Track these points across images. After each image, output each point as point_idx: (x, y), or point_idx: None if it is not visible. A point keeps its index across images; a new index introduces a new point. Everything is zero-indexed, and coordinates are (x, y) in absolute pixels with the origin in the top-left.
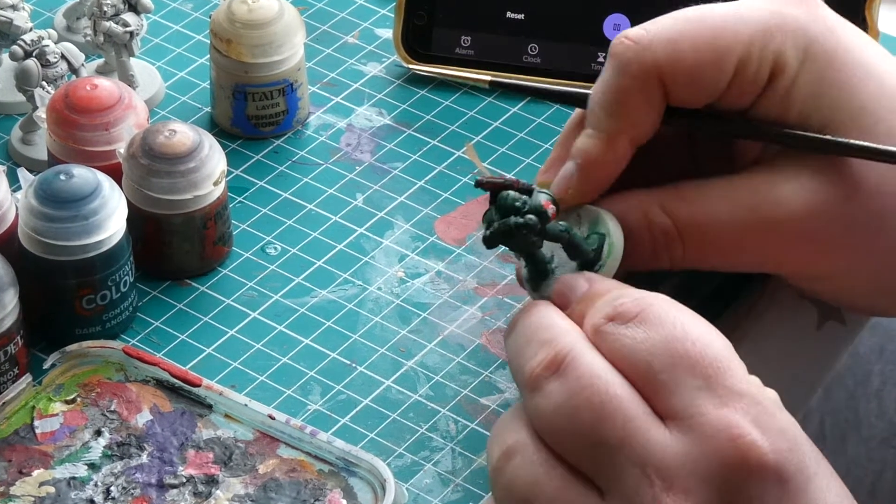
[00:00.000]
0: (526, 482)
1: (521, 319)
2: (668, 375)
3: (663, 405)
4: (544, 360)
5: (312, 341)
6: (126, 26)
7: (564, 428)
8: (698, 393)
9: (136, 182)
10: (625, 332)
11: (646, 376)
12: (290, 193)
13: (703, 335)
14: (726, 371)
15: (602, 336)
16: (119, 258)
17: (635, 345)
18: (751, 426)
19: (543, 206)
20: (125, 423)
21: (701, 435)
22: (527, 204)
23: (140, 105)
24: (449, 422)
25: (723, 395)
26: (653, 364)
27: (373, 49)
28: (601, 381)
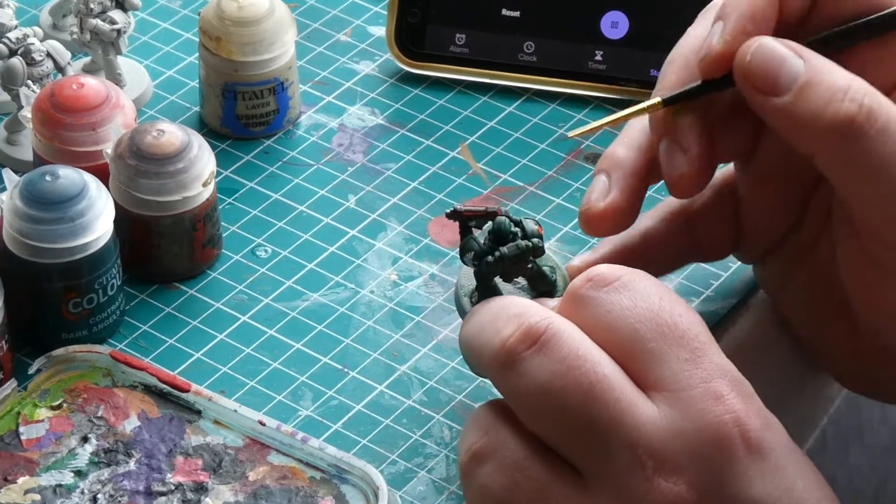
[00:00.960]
0: (503, 487)
1: (482, 306)
2: (657, 345)
3: (651, 376)
4: (517, 333)
5: (304, 346)
6: (113, 24)
7: (548, 410)
8: (685, 365)
9: (124, 183)
10: (608, 297)
11: (633, 345)
12: (280, 195)
13: (687, 310)
14: (709, 347)
15: (582, 302)
16: (106, 261)
17: (622, 311)
18: (737, 400)
19: (538, 231)
20: (112, 430)
21: (690, 408)
22: (525, 230)
23: (127, 104)
24: (443, 428)
25: (709, 369)
26: (641, 332)
27: (365, 47)
28: (589, 362)
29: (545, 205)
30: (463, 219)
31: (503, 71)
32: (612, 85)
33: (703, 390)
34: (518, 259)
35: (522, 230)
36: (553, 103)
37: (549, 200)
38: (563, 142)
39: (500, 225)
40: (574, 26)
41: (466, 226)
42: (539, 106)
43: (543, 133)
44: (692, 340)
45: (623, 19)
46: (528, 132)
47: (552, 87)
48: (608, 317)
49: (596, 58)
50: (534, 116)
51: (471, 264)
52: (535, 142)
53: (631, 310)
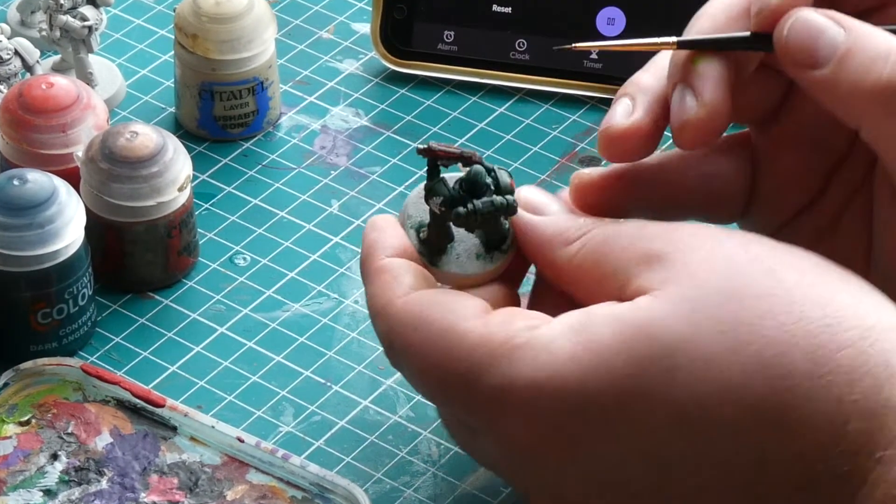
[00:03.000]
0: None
1: (427, 335)
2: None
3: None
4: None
5: (284, 358)
6: (84, 20)
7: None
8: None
9: (96, 188)
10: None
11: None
12: (260, 200)
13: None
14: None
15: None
16: (77, 269)
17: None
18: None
19: (511, 185)
20: (83, 447)
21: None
22: (498, 182)
23: (99, 105)
24: (431, 445)
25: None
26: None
27: (349, 45)
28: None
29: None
30: (435, 157)
31: (494, 70)
32: (609, 84)
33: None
34: (490, 216)
35: (496, 182)
36: (546, 104)
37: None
38: (556, 144)
39: (476, 175)
40: (568, 23)
41: (436, 166)
42: (532, 107)
43: (536, 135)
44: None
45: (620, 15)
46: (520, 134)
47: (545, 87)
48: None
49: (591, 56)
50: (526, 118)
51: (436, 208)
52: (528, 144)
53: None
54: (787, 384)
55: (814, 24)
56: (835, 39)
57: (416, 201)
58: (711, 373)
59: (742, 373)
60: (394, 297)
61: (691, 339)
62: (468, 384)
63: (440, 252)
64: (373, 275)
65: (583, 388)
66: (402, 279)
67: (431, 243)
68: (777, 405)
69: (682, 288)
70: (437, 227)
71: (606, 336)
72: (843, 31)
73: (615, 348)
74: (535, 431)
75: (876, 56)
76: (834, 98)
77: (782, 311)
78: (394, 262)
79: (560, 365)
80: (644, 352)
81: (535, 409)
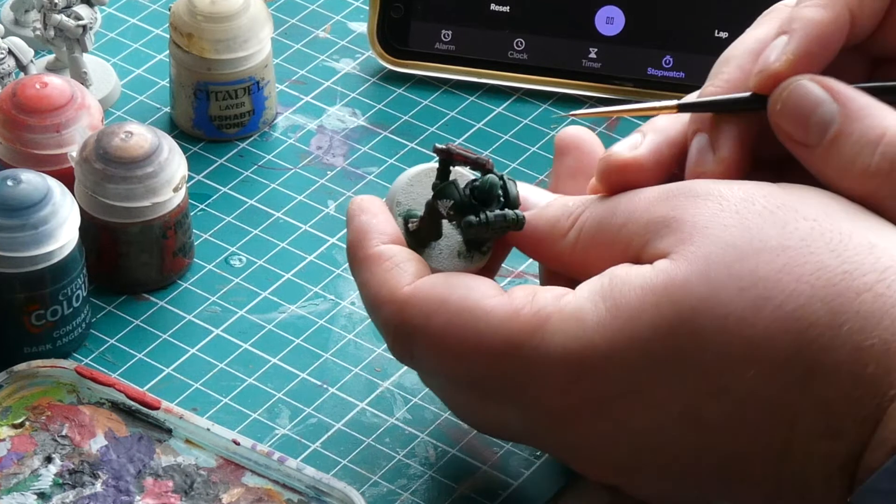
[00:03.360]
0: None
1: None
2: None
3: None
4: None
5: (280, 360)
6: (79, 19)
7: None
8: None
9: (90, 188)
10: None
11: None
12: (256, 200)
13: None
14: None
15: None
16: (71, 271)
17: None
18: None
19: (518, 196)
20: (77, 450)
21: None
22: (508, 195)
23: (94, 105)
24: (428, 447)
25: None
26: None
27: (346, 44)
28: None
29: None
30: (450, 160)
31: (492, 69)
32: (608, 84)
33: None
34: (500, 230)
35: (506, 195)
36: (545, 104)
37: None
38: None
39: (491, 185)
40: (567, 22)
41: (448, 167)
42: (530, 106)
43: (535, 135)
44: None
45: (619, 15)
46: (518, 134)
47: (544, 87)
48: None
49: (590, 55)
50: (524, 118)
51: (444, 210)
52: (526, 144)
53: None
54: (811, 336)
55: (808, 98)
56: (828, 116)
57: (407, 188)
58: (735, 332)
59: (766, 329)
60: (400, 284)
61: (712, 299)
62: (502, 360)
63: (423, 245)
64: (369, 261)
65: (612, 355)
66: (404, 266)
67: (419, 236)
68: (803, 360)
69: (695, 246)
70: (430, 223)
71: (632, 301)
72: (836, 108)
73: (640, 314)
74: (570, 399)
75: (866, 143)
76: (824, 176)
77: (799, 264)
78: (392, 248)
79: (591, 332)
80: (668, 315)
81: (569, 376)
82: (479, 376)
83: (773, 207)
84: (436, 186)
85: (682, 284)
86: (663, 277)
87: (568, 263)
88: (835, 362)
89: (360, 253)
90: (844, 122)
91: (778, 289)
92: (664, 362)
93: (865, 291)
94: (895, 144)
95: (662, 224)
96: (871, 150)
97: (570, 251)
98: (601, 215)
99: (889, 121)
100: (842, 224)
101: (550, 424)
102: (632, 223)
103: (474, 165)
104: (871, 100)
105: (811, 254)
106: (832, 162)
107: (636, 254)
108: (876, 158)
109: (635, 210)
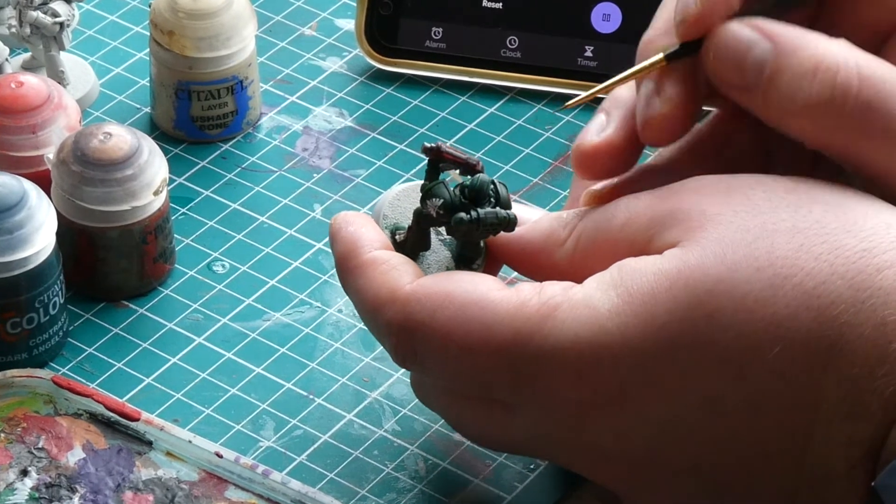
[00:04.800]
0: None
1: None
2: None
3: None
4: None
5: (265, 370)
6: (56, 16)
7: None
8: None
9: (67, 191)
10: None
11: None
12: (239, 204)
13: None
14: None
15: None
16: (47, 277)
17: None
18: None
19: (509, 199)
20: (54, 462)
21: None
22: (498, 195)
23: (71, 105)
24: (418, 460)
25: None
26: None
27: (332, 42)
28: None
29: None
30: (439, 160)
31: (484, 68)
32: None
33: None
34: (491, 228)
35: (496, 195)
36: (539, 104)
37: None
38: (550, 146)
39: (482, 184)
40: (562, 19)
41: (437, 167)
42: (523, 106)
43: (528, 136)
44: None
45: (616, 11)
46: (511, 135)
47: (538, 86)
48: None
49: (586, 53)
50: (518, 118)
51: (433, 211)
52: (520, 146)
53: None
54: (833, 312)
55: (741, 41)
56: (762, 56)
57: (394, 202)
58: (755, 312)
59: (787, 307)
60: (400, 285)
61: (729, 280)
62: (512, 352)
63: (412, 258)
64: (363, 268)
65: (628, 341)
66: (402, 268)
67: (406, 248)
68: (826, 336)
69: (707, 231)
70: (417, 233)
71: (645, 287)
72: (769, 46)
73: (655, 299)
74: (583, 391)
75: (803, 73)
76: (768, 117)
77: (816, 244)
78: (386, 253)
79: (603, 319)
80: (684, 299)
81: (583, 366)
82: (488, 372)
83: (783, 193)
84: (424, 187)
85: (696, 267)
86: (676, 262)
87: (566, 274)
88: (858, 337)
89: (351, 262)
90: (778, 58)
91: (797, 267)
92: (681, 347)
93: (887, 268)
94: (832, 70)
95: (668, 216)
96: (810, 80)
97: (569, 260)
98: (599, 220)
99: (821, 49)
100: (855, 206)
101: (562, 422)
102: (633, 222)
103: (464, 166)
104: (802, 31)
105: (827, 234)
106: (773, 101)
107: (641, 251)
108: (815, 88)
109: (636, 209)
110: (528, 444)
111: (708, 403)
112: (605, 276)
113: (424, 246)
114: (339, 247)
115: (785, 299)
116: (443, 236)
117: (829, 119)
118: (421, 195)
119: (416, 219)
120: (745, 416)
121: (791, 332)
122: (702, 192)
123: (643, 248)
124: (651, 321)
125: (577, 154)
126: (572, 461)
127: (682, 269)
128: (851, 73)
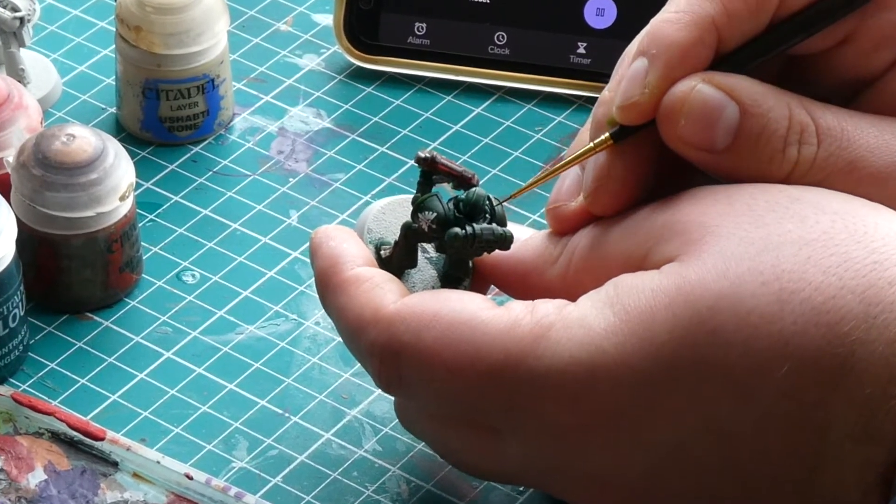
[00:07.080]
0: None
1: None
2: None
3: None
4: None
5: (237, 386)
6: (15, 11)
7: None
8: None
9: (28, 197)
10: None
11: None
12: (210, 210)
13: None
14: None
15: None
16: (7, 287)
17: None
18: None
19: (504, 216)
20: (14, 485)
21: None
22: (494, 211)
23: (32, 105)
24: (400, 482)
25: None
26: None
27: (309, 38)
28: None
29: (520, 221)
30: (433, 171)
31: (470, 66)
32: (597, 82)
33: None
34: (487, 246)
35: (491, 211)
36: (529, 103)
37: (524, 217)
38: (540, 148)
39: (478, 199)
40: (553, 14)
41: (430, 179)
42: (512, 106)
43: (518, 138)
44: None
45: (610, 6)
46: (499, 137)
47: (528, 85)
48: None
49: (579, 50)
50: (506, 119)
51: (425, 225)
52: (508, 149)
53: None
54: (844, 329)
55: (713, 104)
56: (730, 119)
57: (378, 216)
58: (761, 329)
59: (794, 324)
60: (384, 304)
61: (732, 295)
62: (504, 375)
63: (397, 276)
64: (345, 285)
65: (626, 362)
66: (386, 287)
67: (391, 265)
68: (836, 355)
69: (707, 244)
70: (404, 248)
71: (643, 305)
72: (735, 107)
73: (653, 317)
74: (579, 415)
75: (776, 140)
76: (737, 178)
77: (824, 256)
78: (370, 270)
79: (600, 339)
80: (684, 316)
81: (578, 388)
82: (477, 396)
83: (788, 203)
84: (416, 199)
85: (696, 282)
86: (675, 278)
87: (559, 294)
88: (870, 355)
89: (333, 279)
90: (745, 119)
91: (805, 281)
92: (682, 367)
93: None
94: (798, 127)
95: (665, 229)
96: (781, 146)
97: (562, 279)
98: (593, 235)
99: (784, 108)
100: (865, 216)
101: (556, 448)
102: (629, 236)
103: (459, 178)
104: (764, 87)
105: (836, 246)
106: (744, 165)
107: (638, 266)
108: (790, 150)
109: (632, 223)
110: (520, 472)
111: (711, 426)
112: (601, 293)
113: (411, 263)
114: (319, 263)
115: (792, 315)
116: (429, 254)
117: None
118: (412, 208)
119: (403, 234)
120: (750, 439)
121: (799, 350)
122: (701, 202)
123: (640, 264)
124: (650, 340)
125: (552, 218)
126: (567, 491)
127: (682, 284)
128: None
